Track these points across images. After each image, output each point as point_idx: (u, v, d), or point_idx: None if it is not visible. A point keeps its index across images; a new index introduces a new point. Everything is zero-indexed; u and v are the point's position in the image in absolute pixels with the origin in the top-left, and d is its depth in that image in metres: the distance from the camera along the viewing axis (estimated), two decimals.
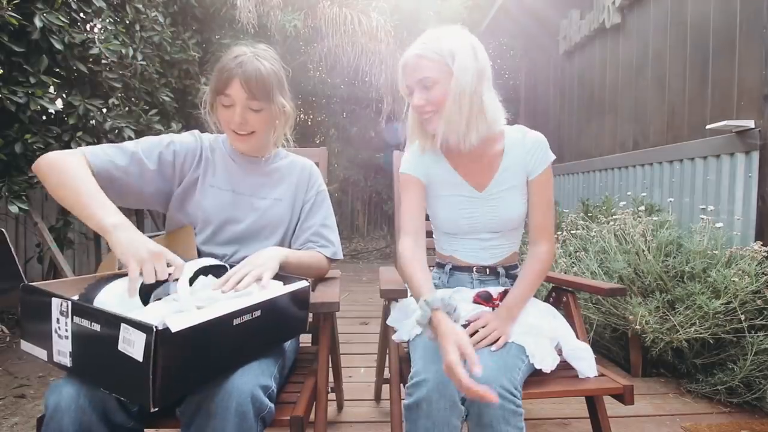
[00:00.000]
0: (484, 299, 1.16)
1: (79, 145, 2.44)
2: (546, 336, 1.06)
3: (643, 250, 2.00)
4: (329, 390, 1.18)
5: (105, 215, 0.89)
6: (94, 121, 2.56)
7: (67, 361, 0.80)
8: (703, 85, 2.50)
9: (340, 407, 1.73)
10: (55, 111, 2.44)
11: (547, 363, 1.01)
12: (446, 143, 1.16)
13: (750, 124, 2.11)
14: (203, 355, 0.79)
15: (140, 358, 0.69)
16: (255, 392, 0.84)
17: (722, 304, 1.71)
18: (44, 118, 2.49)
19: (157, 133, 3.00)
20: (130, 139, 2.73)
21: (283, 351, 1.07)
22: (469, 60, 1.06)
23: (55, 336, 0.80)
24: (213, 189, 1.18)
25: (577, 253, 2.29)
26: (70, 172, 0.95)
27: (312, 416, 1.04)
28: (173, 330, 0.70)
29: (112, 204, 0.93)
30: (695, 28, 2.59)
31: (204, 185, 1.18)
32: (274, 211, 1.22)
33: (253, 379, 0.85)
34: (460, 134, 1.10)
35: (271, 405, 0.88)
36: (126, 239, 0.86)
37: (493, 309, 1.13)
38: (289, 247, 1.26)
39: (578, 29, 3.94)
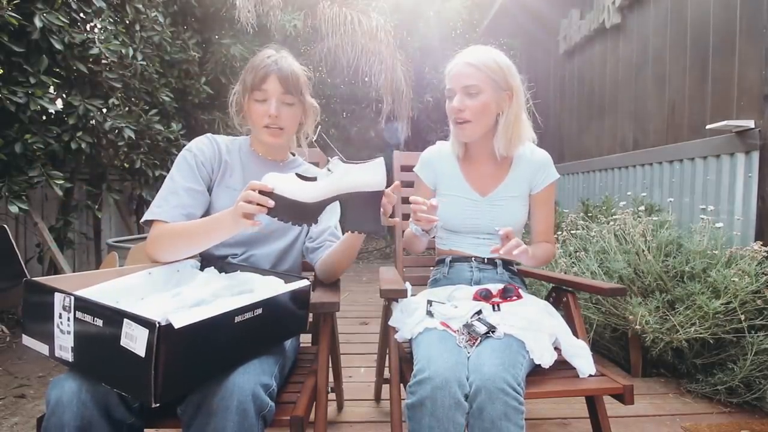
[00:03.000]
0: (484, 297, 1.17)
1: (79, 146, 2.46)
2: (544, 332, 1.06)
3: (643, 250, 2.00)
4: (329, 390, 1.18)
5: (218, 224, 1.00)
6: (94, 121, 2.56)
7: (68, 356, 0.80)
8: (703, 85, 2.50)
9: (340, 407, 1.73)
10: (55, 111, 2.44)
11: (545, 358, 1.01)
12: (474, 149, 1.32)
13: (750, 124, 2.11)
14: (205, 351, 0.79)
15: (142, 354, 0.69)
16: (256, 391, 0.84)
17: (722, 304, 1.71)
18: (44, 118, 2.49)
19: (157, 132, 3.00)
20: (130, 139, 2.73)
21: (283, 350, 1.07)
22: (519, 84, 1.24)
23: (57, 331, 0.81)
24: (228, 190, 1.20)
25: (577, 253, 2.29)
26: (174, 233, 1.06)
27: (312, 416, 1.04)
28: (176, 326, 0.70)
29: (207, 218, 1.05)
30: (695, 27, 2.59)
31: (221, 186, 1.21)
32: None
33: (254, 378, 0.85)
34: (510, 147, 1.26)
35: (272, 403, 0.88)
36: (224, 216, 0.98)
37: (494, 307, 1.14)
38: (302, 245, 1.31)
39: (578, 29, 3.94)
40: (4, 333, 2.57)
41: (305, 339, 1.41)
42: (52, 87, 2.30)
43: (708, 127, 2.30)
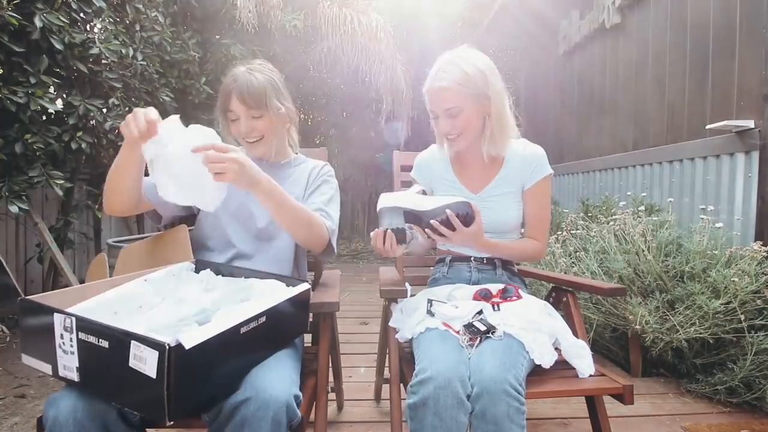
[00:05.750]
0: (484, 297, 1.17)
1: (79, 146, 2.46)
2: (544, 332, 1.06)
3: (643, 250, 2.00)
4: (329, 390, 1.18)
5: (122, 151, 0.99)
6: (94, 121, 2.55)
7: (74, 376, 0.78)
8: (703, 85, 2.50)
9: (340, 407, 1.73)
10: (55, 111, 2.44)
11: (546, 359, 1.01)
12: (466, 152, 1.30)
13: (750, 124, 2.11)
14: (215, 365, 0.79)
15: (153, 375, 0.68)
16: (290, 402, 0.85)
17: (722, 304, 1.71)
18: (44, 118, 2.49)
19: None
20: None
21: (301, 357, 1.08)
22: (498, 82, 1.20)
23: (59, 351, 0.78)
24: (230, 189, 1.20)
25: (577, 253, 2.29)
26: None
27: (312, 416, 1.04)
28: (186, 347, 0.69)
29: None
30: (695, 28, 2.59)
31: None
32: None
33: (287, 389, 0.86)
34: (497, 147, 1.24)
35: (300, 415, 0.89)
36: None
37: (494, 307, 1.14)
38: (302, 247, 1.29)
39: (578, 29, 3.94)
40: (4, 333, 2.57)
41: (305, 339, 1.40)
42: (52, 87, 2.30)
43: (708, 127, 2.30)
